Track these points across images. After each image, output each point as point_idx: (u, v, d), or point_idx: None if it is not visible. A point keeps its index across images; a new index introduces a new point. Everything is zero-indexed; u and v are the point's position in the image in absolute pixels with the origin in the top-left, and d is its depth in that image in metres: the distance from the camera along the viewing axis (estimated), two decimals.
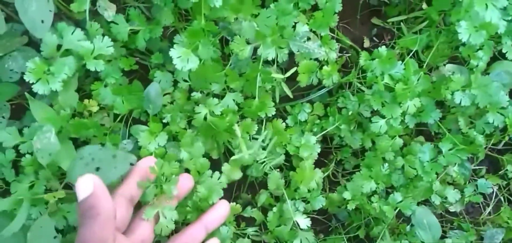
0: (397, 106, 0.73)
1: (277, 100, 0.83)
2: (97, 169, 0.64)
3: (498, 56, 0.82)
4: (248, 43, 0.71)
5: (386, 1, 0.93)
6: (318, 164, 0.94)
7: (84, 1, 0.72)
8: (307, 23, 0.75)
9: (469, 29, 0.66)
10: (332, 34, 0.87)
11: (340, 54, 0.94)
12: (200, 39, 0.71)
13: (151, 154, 0.77)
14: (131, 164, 0.67)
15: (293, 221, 0.78)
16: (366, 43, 0.96)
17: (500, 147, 0.92)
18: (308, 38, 0.73)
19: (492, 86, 0.69)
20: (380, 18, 0.96)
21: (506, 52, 0.71)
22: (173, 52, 0.69)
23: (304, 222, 0.78)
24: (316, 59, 0.80)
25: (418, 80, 0.73)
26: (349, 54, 0.93)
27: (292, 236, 0.78)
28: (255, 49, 0.73)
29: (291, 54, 0.79)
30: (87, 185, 0.54)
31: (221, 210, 0.69)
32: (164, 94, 0.83)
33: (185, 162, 0.76)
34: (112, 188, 0.66)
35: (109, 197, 0.55)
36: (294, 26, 0.72)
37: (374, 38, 0.96)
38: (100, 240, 0.52)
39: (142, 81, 0.83)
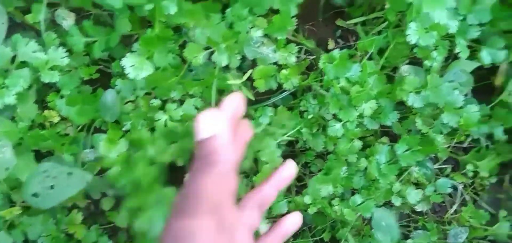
0: (353, 109, 0.73)
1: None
2: (52, 186, 0.64)
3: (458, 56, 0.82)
4: (202, 49, 0.71)
5: (349, 2, 0.93)
6: None
7: (39, 12, 0.72)
8: (265, 28, 0.75)
9: (418, 30, 0.66)
10: (294, 37, 0.87)
11: (305, 56, 0.94)
12: (156, 46, 0.71)
13: (113, 163, 0.77)
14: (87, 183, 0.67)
15: None
16: (331, 45, 0.96)
17: (465, 145, 0.92)
18: (262, 43, 0.73)
19: (444, 86, 0.69)
20: (344, 20, 0.96)
21: (460, 51, 0.71)
22: (126, 61, 0.69)
23: (265, 228, 0.77)
24: (276, 63, 0.80)
25: (373, 82, 0.73)
26: (314, 57, 0.93)
27: None
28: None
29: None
30: (211, 124, 0.40)
31: (291, 169, 0.56)
32: (126, 102, 0.83)
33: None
34: None
35: (233, 149, 0.42)
36: (248, 31, 0.72)
37: (339, 39, 0.96)
38: (219, 196, 0.39)
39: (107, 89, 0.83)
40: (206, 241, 0.35)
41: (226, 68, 0.79)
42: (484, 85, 0.93)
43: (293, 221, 0.49)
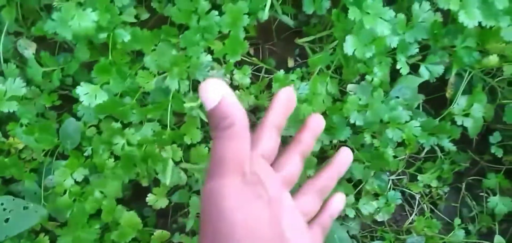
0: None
1: (199, 126, 0.86)
2: (6, 220, 0.67)
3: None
4: (153, 74, 0.73)
5: (305, 21, 0.97)
6: None
7: None
8: (217, 51, 0.78)
9: (355, 43, 0.69)
10: (247, 59, 0.90)
11: (265, 76, 0.97)
12: (110, 74, 0.74)
13: (65, 191, 0.79)
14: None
15: None
16: (290, 63, 0.99)
17: (422, 156, 0.95)
18: (212, 68, 0.75)
19: (385, 104, 0.72)
20: (302, 38, 0.99)
21: (401, 68, 0.74)
22: (80, 90, 0.72)
23: None
24: (231, 85, 0.83)
25: (322, 98, 0.76)
26: (274, 75, 0.96)
27: None
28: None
29: None
30: (215, 91, 0.42)
31: (348, 155, 0.54)
32: (90, 126, 0.86)
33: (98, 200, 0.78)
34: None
35: (240, 104, 0.43)
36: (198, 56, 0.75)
37: (297, 58, 0.99)
38: (239, 155, 0.41)
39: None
40: (232, 194, 0.39)
41: (186, 92, 0.82)
42: (439, 97, 0.97)
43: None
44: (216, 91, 0.41)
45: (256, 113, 0.93)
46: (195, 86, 0.86)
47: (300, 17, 0.97)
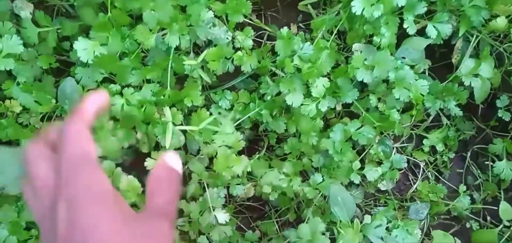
0: (305, 87, 0.74)
1: (200, 88, 0.84)
2: None
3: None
4: (152, 31, 0.71)
5: None
6: (251, 151, 0.95)
7: None
8: (218, 9, 0.76)
9: (363, 3, 0.67)
10: (251, 21, 0.88)
11: (267, 42, 0.95)
12: (109, 31, 0.72)
13: None
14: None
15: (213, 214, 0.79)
16: (293, 29, 0.97)
17: (428, 123, 0.93)
18: (214, 24, 0.73)
19: (391, 62, 0.70)
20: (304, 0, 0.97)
21: (408, 27, 0.72)
22: (77, 45, 0.70)
23: (223, 217, 0.79)
24: (234, 47, 0.81)
25: (324, 59, 0.74)
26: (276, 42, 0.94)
27: (209, 229, 0.79)
28: None
29: None
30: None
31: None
32: (88, 90, 0.84)
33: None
34: None
35: None
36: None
37: (300, 24, 0.97)
38: None
39: None
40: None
41: (183, 51, 0.80)
42: (445, 65, 0.95)
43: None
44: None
45: (257, 79, 0.91)
46: (196, 45, 0.84)
47: None
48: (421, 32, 0.81)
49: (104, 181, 0.41)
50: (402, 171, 0.92)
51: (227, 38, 0.75)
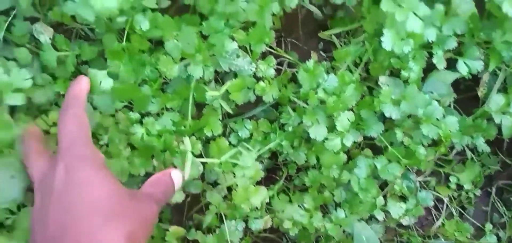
0: (328, 119, 0.72)
1: (220, 117, 0.82)
2: None
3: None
4: (175, 61, 0.70)
5: (331, 14, 0.93)
6: (269, 180, 0.93)
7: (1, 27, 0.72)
8: (241, 39, 0.74)
9: (393, 38, 0.65)
10: (272, 50, 0.86)
11: (287, 69, 0.93)
12: (122, 59, 0.71)
13: None
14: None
15: None
16: (314, 57, 0.95)
17: (450, 157, 0.91)
18: (238, 55, 0.72)
19: (421, 98, 0.68)
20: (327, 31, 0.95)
21: (437, 62, 0.70)
22: (91, 73, 0.69)
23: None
24: (255, 76, 0.80)
25: (350, 92, 0.72)
26: (297, 70, 0.93)
27: None
28: None
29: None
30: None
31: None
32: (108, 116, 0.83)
33: None
34: None
35: None
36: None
37: (321, 52, 0.96)
38: None
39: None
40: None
41: (202, 80, 0.79)
42: (469, 97, 0.92)
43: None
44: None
45: (278, 108, 0.89)
46: (216, 72, 0.82)
47: (325, 11, 0.94)
48: (447, 65, 0.79)
49: (96, 152, 0.50)
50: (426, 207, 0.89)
51: (251, 69, 0.73)
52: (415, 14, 0.63)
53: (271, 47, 0.92)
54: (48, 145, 0.63)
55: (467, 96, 0.92)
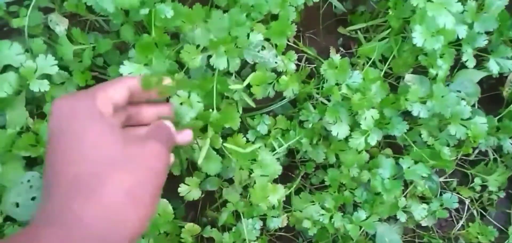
0: (351, 117, 0.70)
1: (240, 111, 0.80)
2: (33, 198, 0.62)
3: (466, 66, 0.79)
4: (200, 50, 0.68)
5: (351, 9, 0.91)
6: (284, 178, 0.91)
7: (25, 16, 0.70)
8: (264, 32, 0.72)
9: (424, 34, 0.63)
10: (292, 44, 0.84)
11: (306, 65, 0.91)
12: (153, 52, 0.68)
13: None
14: None
15: None
16: (333, 53, 0.93)
17: (472, 158, 0.89)
18: (263, 47, 0.70)
19: (451, 96, 0.66)
20: (346, 27, 0.93)
21: (467, 60, 0.68)
22: (124, 69, 0.66)
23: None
24: (274, 70, 0.78)
25: (375, 90, 0.69)
26: (315, 65, 0.91)
27: None
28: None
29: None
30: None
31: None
32: None
33: None
34: None
35: None
36: (248, 35, 0.69)
37: (341, 48, 0.94)
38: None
39: None
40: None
41: (225, 73, 0.76)
42: (491, 96, 0.90)
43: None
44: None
45: (296, 105, 0.87)
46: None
47: (345, 5, 0.92)
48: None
49: (94, 106, 0.48)
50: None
51: (276, 62, 0.71)
52: (447, 9, 0.60)
53: (289, 41, 0.89)
54: None
55: (490, 96, 0.90)
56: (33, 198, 0.61)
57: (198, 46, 0.67)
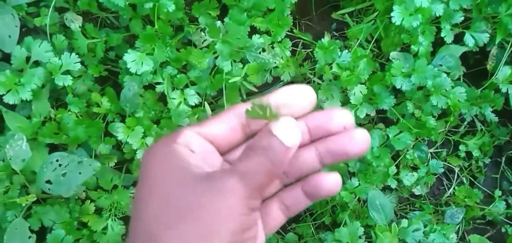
0: (342, 95, 0.77)
1: (244, 96, 0.87)
2: (64, 174, 0.70)
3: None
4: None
5: None
6: None
7: (47, 15, 0.78)
8: (262, 25, 0.79)
9: (402, 13, 0.69)
10: (289, 33, 0.91)
11: (302, 50, 0.98)
12: (155, 42, 0.76)
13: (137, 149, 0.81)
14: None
15: None
16: (327, 38, 0.99)
17: (462, 130, 0.95)
18: (263, 49, 0.77)
19: (428, 69, 0.72)
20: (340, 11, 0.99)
21: (445, 36, 0.74)
22: (127, 57, 0.74)
23: None
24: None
25: (363, 67, 0.76)
26: (311, 50, 0.97)
27: None
28: None
29: None
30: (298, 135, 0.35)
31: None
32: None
33: None
34: None
35: None
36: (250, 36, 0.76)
37: (334, 32, 1.00)
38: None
39: (115, 88, 0.88)
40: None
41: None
42: (478, 71, 0.96)
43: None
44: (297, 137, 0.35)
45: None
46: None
47: None
48: (456, 39, 0.83)
49: (169, 152, 0.37)
50: (437, 175, 0.93)
51: (275, 62, 0.78)
52: None
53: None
54: None
55: (476, 70, 0.95)
56: (63, 174, 0.69)
57: (204, 51, 0.74)
